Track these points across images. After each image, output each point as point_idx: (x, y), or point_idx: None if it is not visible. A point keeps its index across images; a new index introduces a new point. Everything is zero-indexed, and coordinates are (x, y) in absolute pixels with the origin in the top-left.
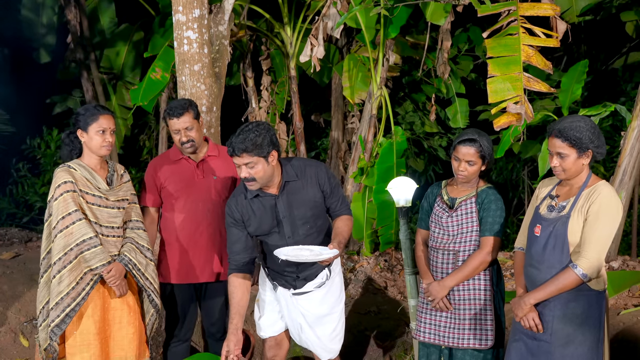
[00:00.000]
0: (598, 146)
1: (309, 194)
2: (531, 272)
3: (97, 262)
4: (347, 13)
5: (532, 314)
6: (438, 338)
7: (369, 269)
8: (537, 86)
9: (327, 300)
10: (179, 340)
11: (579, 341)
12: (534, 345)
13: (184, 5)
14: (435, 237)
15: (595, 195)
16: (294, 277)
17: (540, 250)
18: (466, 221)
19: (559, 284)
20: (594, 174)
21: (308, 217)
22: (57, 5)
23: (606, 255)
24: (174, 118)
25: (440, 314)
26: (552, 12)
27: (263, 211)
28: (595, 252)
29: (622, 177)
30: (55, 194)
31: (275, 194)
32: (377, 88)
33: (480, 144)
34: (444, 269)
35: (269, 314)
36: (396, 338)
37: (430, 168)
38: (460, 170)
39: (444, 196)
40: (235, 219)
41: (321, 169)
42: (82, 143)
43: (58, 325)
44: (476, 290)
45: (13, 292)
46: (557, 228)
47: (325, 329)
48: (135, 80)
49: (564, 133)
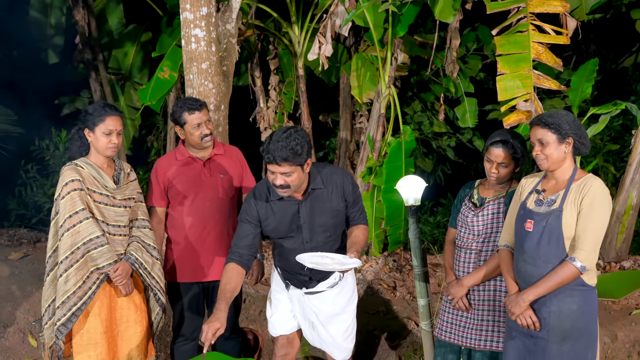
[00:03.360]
0: (580, 136)
1: (333, 203)
2: (525, 269)
3: (104, 261)
4: (355, 10)
5: (528, 312)
6: (458, 338)
7: (377, 269)
8: (547, 84)
9: (339, 299)
10: (186, 339)
11: (575, 337)
12: (530, 343)
13: (191, 3)
14: (461, 236)
15: (587, 188)
16: (306, 278)
17: (534, 246)
18: (492, 221)
19: (558, 278)
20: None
21: (329, 225)
22: (65, 6)
23: (617, 255)
24: (195, 112)
25: (461, 314)
26: (562, 9)
27: (283, 214)
28: (592, 244)
29: (633, 175)
30: (62, 192)
31: (299, 200)
32: (386, 87)
33: (513, 145)
34: (465, 268)
35: (281, 312)
36: (405, 338)
37: (438, 168)
38: (492, 172)
39: (474, 196)
40: (251, 215)
41: (347, 178)
42: (90, 142)
43: (64, 324)
44: (496, 291)
45: (22, 292)
46: (550, 222)
47: (338, 328)
48: (143, 81)
49: (543, 119)
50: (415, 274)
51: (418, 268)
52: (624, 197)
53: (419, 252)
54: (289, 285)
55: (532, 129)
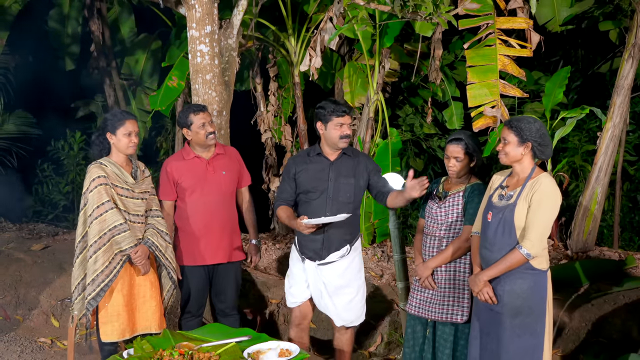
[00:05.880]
0: (540, 144)
1: (356, 172)
2: (485, 253)
3: (127, 244)
4: (338, 30)
5: (486, 289)
6: (424, 312)
7: (366, 259)
8: (512, 92)
9: (347, 273)
10: (192, 316)
11: (526, 313)
12: (490, 316)
13: (197, 22)
14: (428, 225)
15: (538, 185)
16: (319, 245)
17: (492, 234)
18: (452, 212)
19: (507, 262)
20: (538, 167)
21: (352, 185)
22: (81, 16)
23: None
24: (199, 113)
25: (427, 292)
26: (525, 25)
27: (316, 168)
28: (538, 234)
29: (598, 173)
30: (91, 187)
31: (331, 161)
32: (374, 93)
33: (466, 142)
34: (430, 252)
35: (297, 284)
36: (387, 318)
37: (429, 167)
38: (450, 166)
39: (440, 190)
40: (288, 173)
41: (369, 158)
42: (111, 144)
43: (94, 298)
44: (456, 272)
45: (44, 279)
46: (505, 214)
47: (342, 299)
48: (153, 86)
49: (512, 123)
50: (395, 260)
51: (397, 255)
52: (590, 193)
53: (397, 241)
54: (305, 259)
55: (502, 129)
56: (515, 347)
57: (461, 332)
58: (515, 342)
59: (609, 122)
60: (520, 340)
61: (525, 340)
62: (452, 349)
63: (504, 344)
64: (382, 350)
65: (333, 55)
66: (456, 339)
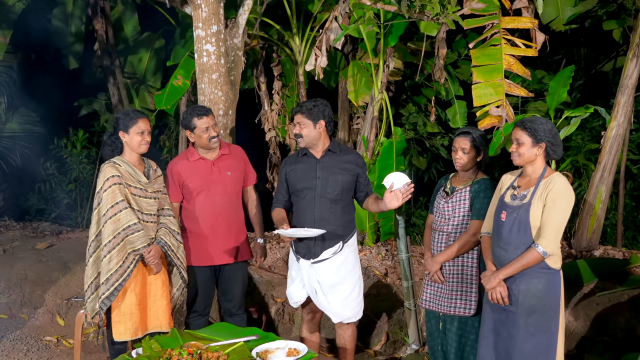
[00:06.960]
0: (553, 144)
1: (344, 167)
2: (499, 253)
3: (140, 244)
4: (346, 28)
5: (499, 288)
6: (436, 306)
7: (371, 257)
8: (517, 91)
9: (341, 270)
10: (199, 315)
11: (540, 311)
12: (503, 316)
13: (203, 22)
14: (436, 221)
15: (552, 184)
16: (312, 242)
17: (506, 234)
18: (459, 207)
19: (524, 260)
20: (549, 167)
21: (339, 181)
22: (84, 15)
23: (588, 245)
24: (203, 117)
25: (437, 285)
26: (530, 25)
27: (304, 167)
28: (553, 232)
29: (602, 172)
30: (105, 186)
31: (317, 158)
32: (378, 92)
33: (473, 135)
34: (438, 247)
35: (295, 284)
36: (393, 317)
37: (432, 166)
38: (457, 158)
39: (447, 185)
40: (282, 174)
41: (359, 155)
42: (124, 143)
43: (108, 297)
44: (464, 266)
45: (49, 277)
46: (520, 214)
47: (337, 297)
48: (157, 85)
49: (525, 124)
50: (400, 259)
51: (402, 253)
52: (594, 192)
53: (403, 240)
54: (299, 258)
55: (514, 129)
56: (529, 346)
57: (470, 327)
58: (529, 341)
59: (613, 121)
60: (535, 338)
61: (540, 338)
62: (459, 342)
63: (518, 343)
64: (387, 349)
65: (337, 54)
66: (466, 333)
